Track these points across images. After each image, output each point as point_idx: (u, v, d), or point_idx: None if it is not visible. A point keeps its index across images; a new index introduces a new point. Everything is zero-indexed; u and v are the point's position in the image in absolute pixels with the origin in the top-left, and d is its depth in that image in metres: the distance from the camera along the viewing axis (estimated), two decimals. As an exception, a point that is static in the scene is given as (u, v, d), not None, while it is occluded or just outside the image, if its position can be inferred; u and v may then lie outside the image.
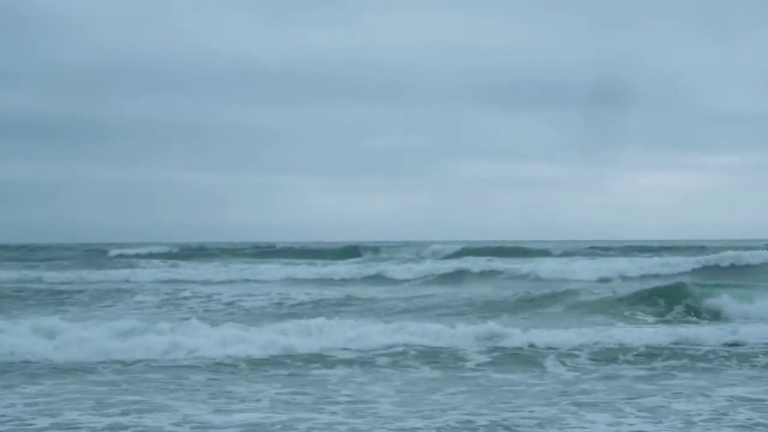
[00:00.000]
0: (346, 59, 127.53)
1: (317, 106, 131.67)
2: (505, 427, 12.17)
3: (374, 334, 19.16)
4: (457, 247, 65.84)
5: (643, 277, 40.32)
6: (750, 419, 12.58)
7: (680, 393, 14.57)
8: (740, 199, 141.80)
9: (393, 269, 42.38)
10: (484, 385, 15.49)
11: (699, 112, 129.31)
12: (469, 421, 12.43)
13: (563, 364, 17.44)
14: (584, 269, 42.01)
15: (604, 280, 39.12)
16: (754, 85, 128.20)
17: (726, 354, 18.10)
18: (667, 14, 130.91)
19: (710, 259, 44.36)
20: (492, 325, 19.75)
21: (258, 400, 14.06)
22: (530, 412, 13.06)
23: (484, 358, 17.85)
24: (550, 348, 18.25)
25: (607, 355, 18.00)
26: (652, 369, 17.12)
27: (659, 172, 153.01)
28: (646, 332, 19.96)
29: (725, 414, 12.91)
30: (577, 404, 13.65)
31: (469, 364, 17.50)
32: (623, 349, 18.32)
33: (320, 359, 17.73)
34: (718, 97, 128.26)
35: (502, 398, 14.19)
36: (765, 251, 47.38)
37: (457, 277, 40.91)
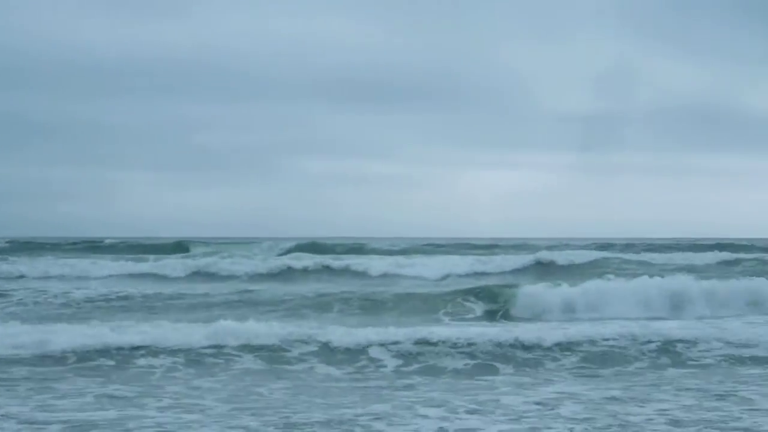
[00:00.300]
0: (182, 54, 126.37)
1: (152, 101, 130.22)
2: (339, 423, 12.11)
3: (196, 330, 18.88)
4: (291, 244, 65.65)
5: (474, 274, 40.66)
6: (576, 413, 12.74)
7: (507, 388, 14.72)
8: (571, 198, 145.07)
9: (221, 265, 41.82)
10: (310, 382, 15.44)
11: (532, 111, 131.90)
12: (300, 419, 12.32)
13: (389, 359, 17.45)
14: (417, 266, 42.18)
15: (436, 277, 39.33)
16: (586, 85, 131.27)
17: (549, 350, 18.29)
18: (502, 15, 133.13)
19: (539, 257, 44.99)
20: (314, 322, 19.68)
21: (82, 396, 13.76)
22: (363, 408, 13.03)
23: (310, 353, 17.75)
24: (374, 344, 18.18)
25: (432, 351, 17.98)
26: (478, 364, 17.25)
27: (495, 170, 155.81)
28: (472, 328, 20.06)
29: (552, 409, 13.06)
30: (407, 399, 13.68)
31: (294, 361, 17.35)
32: (449, 344, 18.33)
33: (145, 354, 17.39)
34: (552, 97, 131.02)
35: (330, 394, 14.14)
36: (593, 251, 48.43)
37: (288, 273, 40.66)
